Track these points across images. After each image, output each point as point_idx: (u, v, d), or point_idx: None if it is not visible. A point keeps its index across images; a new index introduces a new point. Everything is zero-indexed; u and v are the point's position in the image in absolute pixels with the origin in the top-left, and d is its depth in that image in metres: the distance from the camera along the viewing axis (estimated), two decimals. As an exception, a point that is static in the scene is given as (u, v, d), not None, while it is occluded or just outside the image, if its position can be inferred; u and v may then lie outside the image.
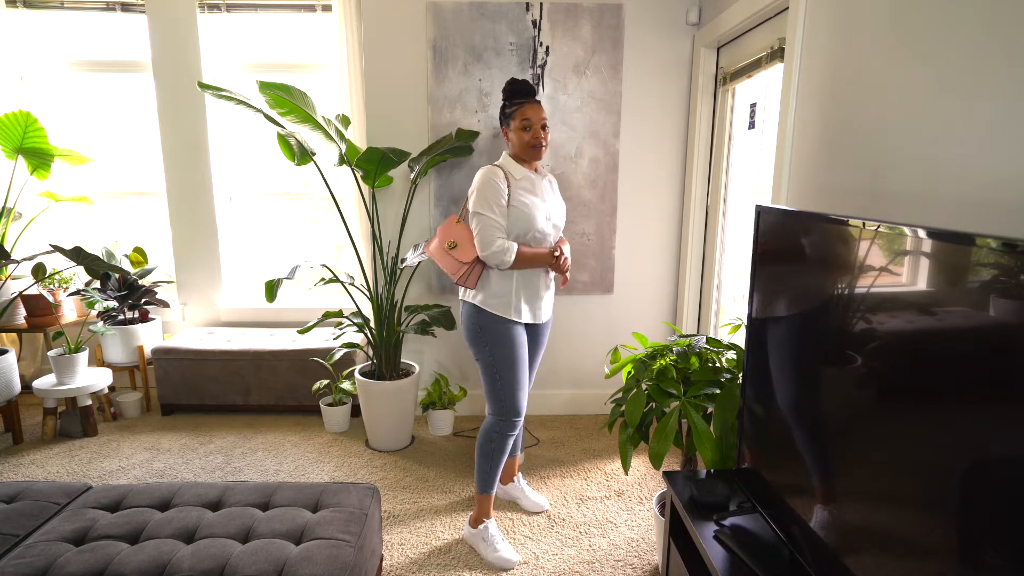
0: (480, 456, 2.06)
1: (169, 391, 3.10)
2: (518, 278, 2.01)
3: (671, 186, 3.01)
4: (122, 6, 3.15)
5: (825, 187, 1.69)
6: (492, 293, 1.99)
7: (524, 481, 2.39)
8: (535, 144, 2.00)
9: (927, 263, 0.96)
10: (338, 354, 2.82)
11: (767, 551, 1.37)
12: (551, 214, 2.05)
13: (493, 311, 1.98)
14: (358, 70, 2.92)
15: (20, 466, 2.62)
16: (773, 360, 1.46)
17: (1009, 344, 0.79)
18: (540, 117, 2.00)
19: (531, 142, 1.99)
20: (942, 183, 1.23)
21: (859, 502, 1.11)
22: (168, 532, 1.48)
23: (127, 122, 3.36)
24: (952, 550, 0.88)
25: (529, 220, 1.97)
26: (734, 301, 2.74)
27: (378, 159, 2.52)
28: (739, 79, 2.50)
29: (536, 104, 2.01)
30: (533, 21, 2.84)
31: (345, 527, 1.52)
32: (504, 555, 1.99)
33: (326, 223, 3.50)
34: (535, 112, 1.99)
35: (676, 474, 1.73)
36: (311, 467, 2.62)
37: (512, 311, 1.99)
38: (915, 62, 1.32)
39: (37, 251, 2.78)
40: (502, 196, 1.95)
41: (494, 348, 1.98)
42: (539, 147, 2.01)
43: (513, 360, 1.99)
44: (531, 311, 2.05)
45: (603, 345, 3.13)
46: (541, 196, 2.04)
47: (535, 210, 1.99)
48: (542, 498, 2.34)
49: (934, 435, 0.92)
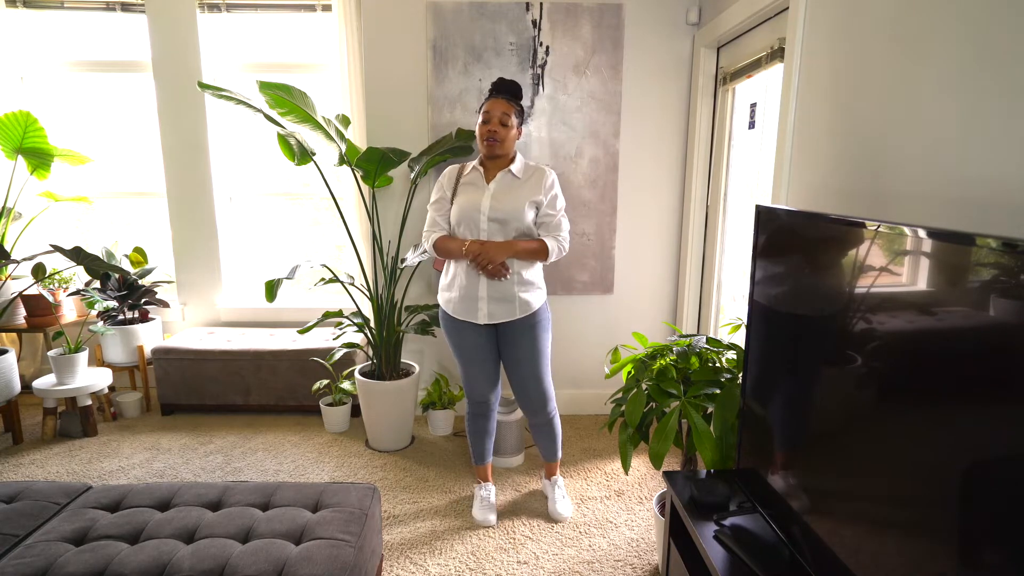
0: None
1: (169, 391, 3.10)
2: (454, 275, 2.11)
3: (671, 186, 3.01)
4: (122, 6, 3.15)
5: (825, 187, 1.69)
6: (441, 286, 2.20)
7: (561, 488, 2.33)
8: (483, 136, 2.03)
9: (927, 263, 0.96)
10: (338, 354, 2.82)
11: (767, 551, 1.37)
12: (488, 209, 2.03)
13: (441, 304, 2.19)
14: (358, 70, 2.92)
15: (20, 466, 2.62)
16: (773, 360, 1.46)
17: (1009, 344, 0.79)
18: (499, 112, 2.01)
19: (480, 133, 2.04)
20: (942, 183, 1.23)
21: (859, 502, 1.11)
22: (168, 532, 1.48)
23: (127, 122, 3.36)
24: (952, 550, 0.88)
25: (457, 213, 2.06)
26: (734, 301, 2.74)
27: (378, 159, 2.52)
28: (739, 79, 2.50)
29: (499, 99, 2.03)
30: (533, 21, 2.84)
31: (345, 527, 1.52)
32: (474, 514, 2.25)
33: (326, 223, 3.50)
34: (494, 105, 2.02)
35: (676, 474, 1.73)
36: (311, 467, 2.62)
37: (447, 305, 2.15)
38: (915, 62, 1.32)
39: (37, 251, 2.77)
40: (443, 189, 2.14)
41: (447, 337, 2.20)
42: (488, 140, 2.02)
43: (459, 352, 2.18)
44: (466, 309, 2.09)
45: (603, 345, 3.12)
46: (483, 191, 2.06)
47: (464, 204, 2.05)
48: (567, 509, 2.28)
49: (934, 435, 0.91)
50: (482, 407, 2.26)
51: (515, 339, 2.12)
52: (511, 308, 2.08)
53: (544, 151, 2.96)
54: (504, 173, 2.08)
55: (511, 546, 2.09)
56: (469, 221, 2.04)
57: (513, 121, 2.04)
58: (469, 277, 2.06)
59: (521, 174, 2.09)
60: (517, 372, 2.16)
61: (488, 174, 2.10)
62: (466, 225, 2.05)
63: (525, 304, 2.09)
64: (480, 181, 2.09)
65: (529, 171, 2.11)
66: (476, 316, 2.08)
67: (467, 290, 2.07)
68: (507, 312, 2.08)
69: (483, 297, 2.06)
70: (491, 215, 2.03)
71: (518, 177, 2.09)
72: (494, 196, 2.05)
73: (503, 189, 2.06)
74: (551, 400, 2.22)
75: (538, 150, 2.96)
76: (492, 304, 2.07)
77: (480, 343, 2.14)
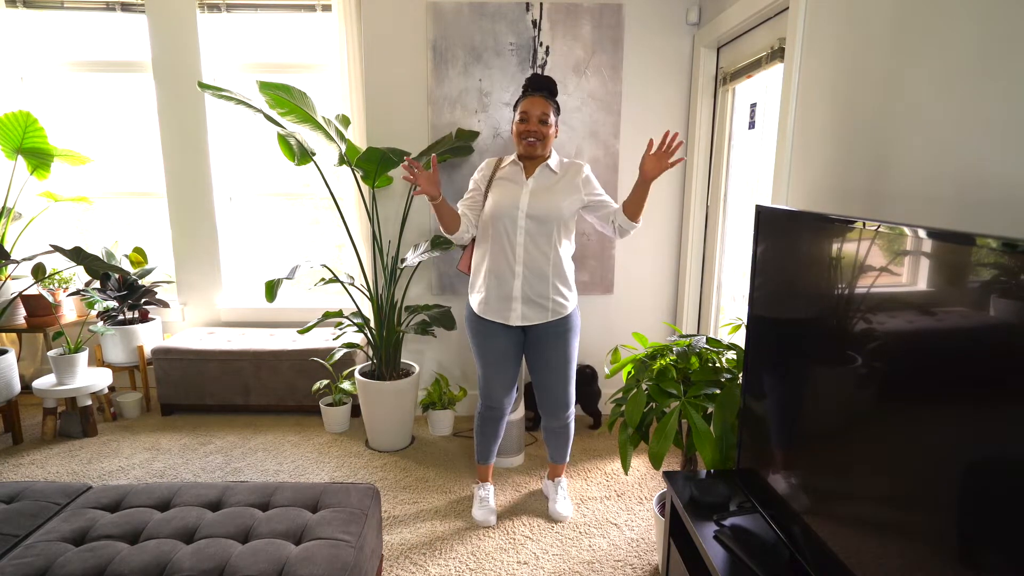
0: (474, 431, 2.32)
1: (169, 391, 3.10)
2: (485, 274, 2.06)
3: (671, 186, 3.01)
4: (122, 6, 3.15)
5: (825, 187, 1.69)
6: (471, 286, 2.16)
7: (564, 489, 2.33)
8: (522, 134, 2.00)
9: (927, 263, 0.96)
10: (338, 354, 2.82)
11: (767, 551, 1.37)
12: (527, 206, 1.99)
13: (471, 303, 2.14)
14: (358, 70, 2.92)
15: (20, 466, 2.62)
16: (773, 360, 1.46)
17: (1009, 344, 0.79)
18: (538, 111, 1.99)
19: (519, 132, 2.01)
20: (943, 183, 1.23)
21: (859, 502, 1.11)
22: (168, 532, 1.48)
23: (127, 122, 3.36)
24: (953, 550, 0.88)
25: (493, 208, 2.02)
26: (734, 301, 2.74)
27: (378, 159, 2.52)
28: (739, 79, 2.49)
29: (537, 97, 2.00)
30: (533, 21, 2.84)
31: (345, 527, 1.52)
32: (474, 514, 2.25)
33: (326, 223, 3.50)
34: (532, 104, 1.99)
35: (676, 474, 1.73)
36: (311, 467, 2.62)
37: (478, 307, 2.09)
38: (915, 62, 1.32)
39: (37, 251, 2.77)
40: (477, 183, 2.12)
41: (470, 338, 2.17)
42: (527, 138, 1.99)
43: (482, 353, 2.14)
44: (498, 309, 2.05)
45: (603, 345, 3.13)
46: (521, 187, 2.03)
47: (501, 200, 2.02)
48: (568, 509, 2.27)
49: (934, 435, 0.91)
50: (496, 411, 2.23)
51: (546, 343, 2.09)
52: (544, 311, 2.05)
53: (544, 151, 2.96)
54: (543, 168, 2.05)
55: (511, 546, 2.09)
56: (506, 217, 2.00)
57: (552, 119, 2.01)
58: (502, 277, 2.03)
59: (558, 169, 2.07)
60: (545, 376, 2.13)
61: (527, 170, 2.06)
62: (503, 221, 2.01)
63: (558, 307, 2.06)
64: (519, 177, 2.05)
65: (564, 167, 2.09)
66: (508, 318, 2.05)
67: (500, 290, 2.04)
68: (540, 315, 2.05)
69: (516, 297, 2.03)
70: (529, 212, 1.99)
71: (556, 172, 2.06)
72: (533, 193, 2.01)
73: (542, 187, 2.03)
74: (572, 406, 2.21)
75: (538, 150, 2.96)
76: (525, 306, 2.04)
77: (506, 347, 2.11)
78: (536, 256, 2.01)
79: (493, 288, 2.05)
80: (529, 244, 2.00)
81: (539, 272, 2.02)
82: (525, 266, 2.01)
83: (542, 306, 2.04)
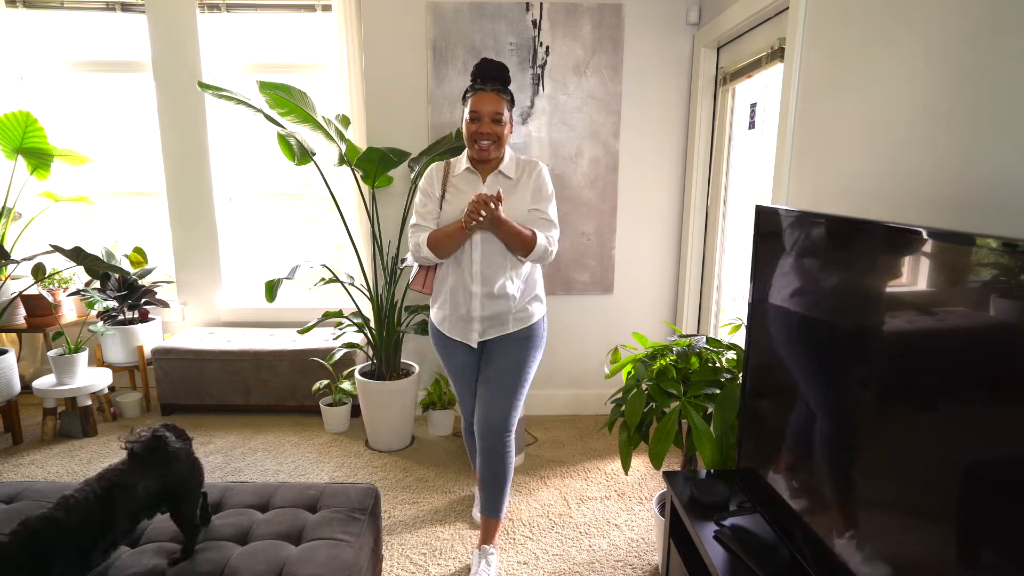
0: None
1: (169, 391, 3.10)
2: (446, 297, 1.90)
3: (671, 186, 3.01)
4: (122, 6, 3.15)
5: (825, 187, 1.69)
6: (432, 300, 2.00)
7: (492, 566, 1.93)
8: (473, 136, 1.76)
9: (927, 263, 0.96)
10: (338, 354, 2.82)
11: (767, 551, 1.37)
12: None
13: (434, 321, 1.99)
14: (358, 70, 2.92)
15: (20, 466, 2.62)
16: (773, 360, 1.45)
17: (1009, 344, 0.79)
18: (490, 108, 1.74)
19: (470, 134, 1.77)
20: (943, 183, 1.23)
21: (859, 502, 1.11)
22: (168, 534, 1.48)
23: (127, 122, 3.36)
24: (953, 550, 0.88)
25: (449, 220, 1.82)
26: (734, 301, 2.74)
27: (378, 159, 2.52)
28: (739, 79, 2.50)
29: (488, 92, 1.74)
30: (533, 21, 2.84)
31: (345, 527, 1.52)
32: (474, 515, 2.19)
33: (326, 223, 3.50)
34: (482, 101, 1.74)
35: (676, 474, 1.73)
36: (311, 467, 2.62)
37: (441, 324, 1.94)
38: (915, 62, 1.32)
39: (37, 251, 2.77)
40: (428, 194, 1.88)
41: (435, 350, 2.03)
42: (479, 141, 1.75)
43: (447, 367, 2.01)
44: (460, 330, 1.89)
45: (603, 345, 3.12)
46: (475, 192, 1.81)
47: (453, 211, 1.82)
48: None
49: (935, 435, 0.91)
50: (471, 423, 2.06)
51: (499, 348, 1.89)
52: (504, 325, 1.88)
53: (544, 151, 2.96)
54: (495, 176, 1.84)
55: (511, 546, 2.09)
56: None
57: (506, 115, 1.77)
58: (462, 297, 1.85)
59: (513, 173, 1.85)
60: (485, 384, 1.90)
61: (483, 175, 1.86)
62: None
63: (519, 321, 1.88)
64: (476, 183, 1.85)
65: (520, 168, 1.87)
66: (470, 338, 1.88)
67: (458, 311, 1.87)
68: (500, 330, 1.88)
69: (475, 318, 1.86)
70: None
71: (510, 178, 1.84)
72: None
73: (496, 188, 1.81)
74: (511, 430, 1.89)
75: (538, 150, 2.96)
76: (485, 323, 1.87)
77: (470, 364, 1.96)
78: (496, 272, 1.82)
79: (452, 309, 1.89)
80: (486, 261, 1.81)
81: (500, 290, 1.82)
82: (483, 285, 1.82)
83: (502, 322, 1.87)
